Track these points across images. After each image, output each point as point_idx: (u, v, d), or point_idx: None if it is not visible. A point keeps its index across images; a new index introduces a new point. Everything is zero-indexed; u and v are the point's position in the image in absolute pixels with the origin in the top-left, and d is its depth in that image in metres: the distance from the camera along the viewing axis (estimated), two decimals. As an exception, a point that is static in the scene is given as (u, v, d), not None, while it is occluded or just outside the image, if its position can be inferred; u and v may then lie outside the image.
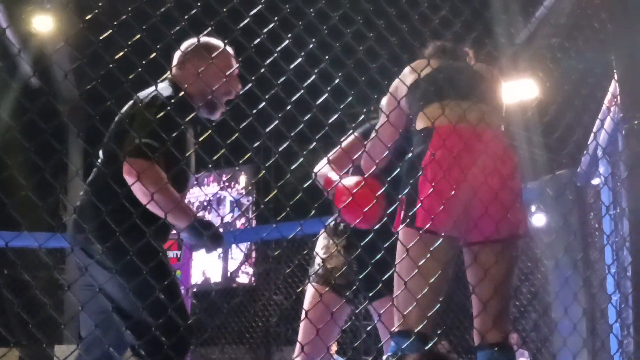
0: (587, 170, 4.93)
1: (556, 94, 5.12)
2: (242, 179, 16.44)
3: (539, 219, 9.49)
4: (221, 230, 3.57)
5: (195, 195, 17.22)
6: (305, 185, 3.43)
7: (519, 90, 10.36)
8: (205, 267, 13.29)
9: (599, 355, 4.37)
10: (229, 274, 15.43)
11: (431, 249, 2.85)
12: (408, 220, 2.96)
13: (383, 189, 3.06)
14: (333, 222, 3.80)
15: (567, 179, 5.21)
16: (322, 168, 3.51)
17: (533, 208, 9.46)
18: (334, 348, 12.45)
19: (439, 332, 3.18)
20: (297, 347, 3.50)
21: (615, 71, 3.90)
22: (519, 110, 9.91)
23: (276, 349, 12.88)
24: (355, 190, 3.10)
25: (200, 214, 16.96)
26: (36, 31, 9.08)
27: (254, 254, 15.74)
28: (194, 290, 10.59)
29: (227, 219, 16.43)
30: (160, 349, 2.86)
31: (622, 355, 3.98)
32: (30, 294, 3.48)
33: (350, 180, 3.31)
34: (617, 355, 4.02)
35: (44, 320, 3.63)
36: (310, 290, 3.69)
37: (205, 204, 16.81)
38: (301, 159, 3.39)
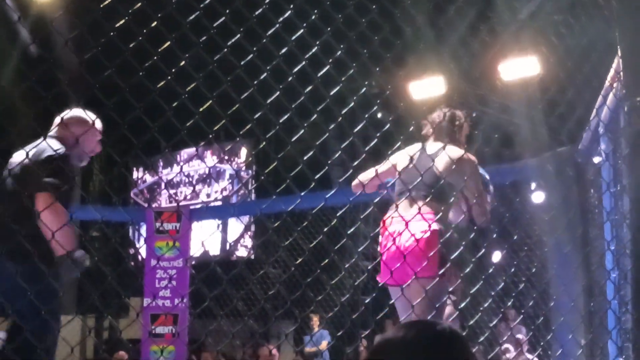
0: (588, 146, 4.92)
1: (558, 71, 5.09)
2: (243, 153, 16.42)
3: (538, 196, 9.51)
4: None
5: (194, 169, 17.23)
6: (305, 158, 3.43)
7: (521, 67, 10.34)
8: (205, 239, 13.30)
9: (597, 331, 4.38)
10: (228, 247, 15.47)
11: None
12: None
13: None
14: None
15: (568, 156, 5.20)
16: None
17: (533, 185, 9.47)
18: (316, 321, 12.48)
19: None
20: None
21: (618, 48, 3.88)
22: (521, 87, 9.89)
23: (274, 322, 12.95)
24: None
25: (199, 186, 16.99)
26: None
27: (252, 228, 15.77)
28: (193, 262, 10.62)
29: (226, 192, 16.45)
30: None
31: (620, 331, 3.99)
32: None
33: None
34: (615, 331, 4.03)
35: (42, 291, 3.63)
36: None
37: (204, 176, 16.82)
38: (301, 131, 3.38)
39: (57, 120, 4.50)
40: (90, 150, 4.59)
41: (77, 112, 4.42)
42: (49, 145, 4.13)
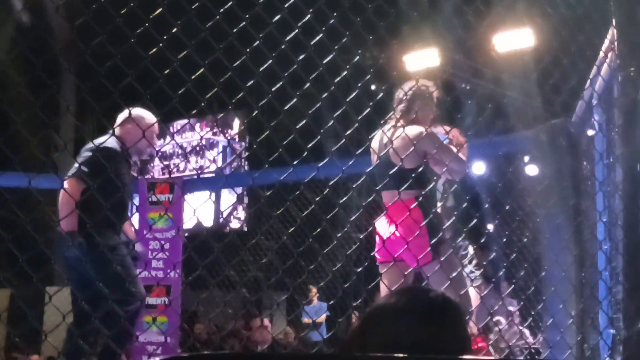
0: (582, 117, 4.91)
1: (553, 42, 5.07)
2: (235, 124, 16.36)
3: (531, 169, 9.50)
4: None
5: (187, 140, 17.17)
6: (298, 127, 3.42)
7: (515, 39, 10.30)
8: (197, 209, 13.28)
9: (588, 302, 4.40)
10: (220, 218, 15.45)
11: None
12: None
13: None
14: None
15: (561, 127, 5.19)
16: None
17: (526, 159, 9.46)
18: (314, 291, 12.54)
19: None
20: None
21: (613, 18, 3.86)
22: (515, 59, 9.86)
23: (267, 293, 12.96)
24: None
25: (192, 158, 16.94)
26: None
27: (245, 200, 15.76)
28: (186, 234, 10.62)
29: (220, 164, 16.41)
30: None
31: (611, 302, 4.01)
32: (20, 233, 3.49)
33: None
34: (606, 302, 4.05)
35: (35, 261, 3.62)
36: None
37: (197, 148, 16.77)
38: (294, 100, 3.37)
39: (118, 119, 5.11)
40: (147, 145, 5.15)
41: (133, 111, 4.77)
42: (99, 140, 4.70)
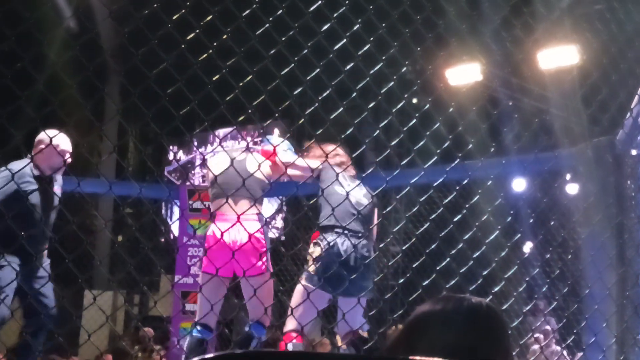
0: (630, 133, 4.85)
1: (599, 60, 5.03)
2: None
3: (573, 188, 9.41)
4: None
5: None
6: (343, 136, 3.43)
7: (560, 56, 10.22)
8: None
9: (630, 322, 4.34)
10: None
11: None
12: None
13: None
14: None
15: (606, 145, 5.14)
16: None
17: (568, 176, 9.38)
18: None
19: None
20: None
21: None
22: (559, 77, 9.79)
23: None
24: None
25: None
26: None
27: (284, 209, 15.77)
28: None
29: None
30: None
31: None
32: (62, 237, 3.55)
33: None
34: (649, 321, 4.01)
35: (75, 264, 3.69)
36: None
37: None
38: (340, 109, 3.38)
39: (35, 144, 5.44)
40: (50, 165, 5.47)
41: (40, 135, 5.25)
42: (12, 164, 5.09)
